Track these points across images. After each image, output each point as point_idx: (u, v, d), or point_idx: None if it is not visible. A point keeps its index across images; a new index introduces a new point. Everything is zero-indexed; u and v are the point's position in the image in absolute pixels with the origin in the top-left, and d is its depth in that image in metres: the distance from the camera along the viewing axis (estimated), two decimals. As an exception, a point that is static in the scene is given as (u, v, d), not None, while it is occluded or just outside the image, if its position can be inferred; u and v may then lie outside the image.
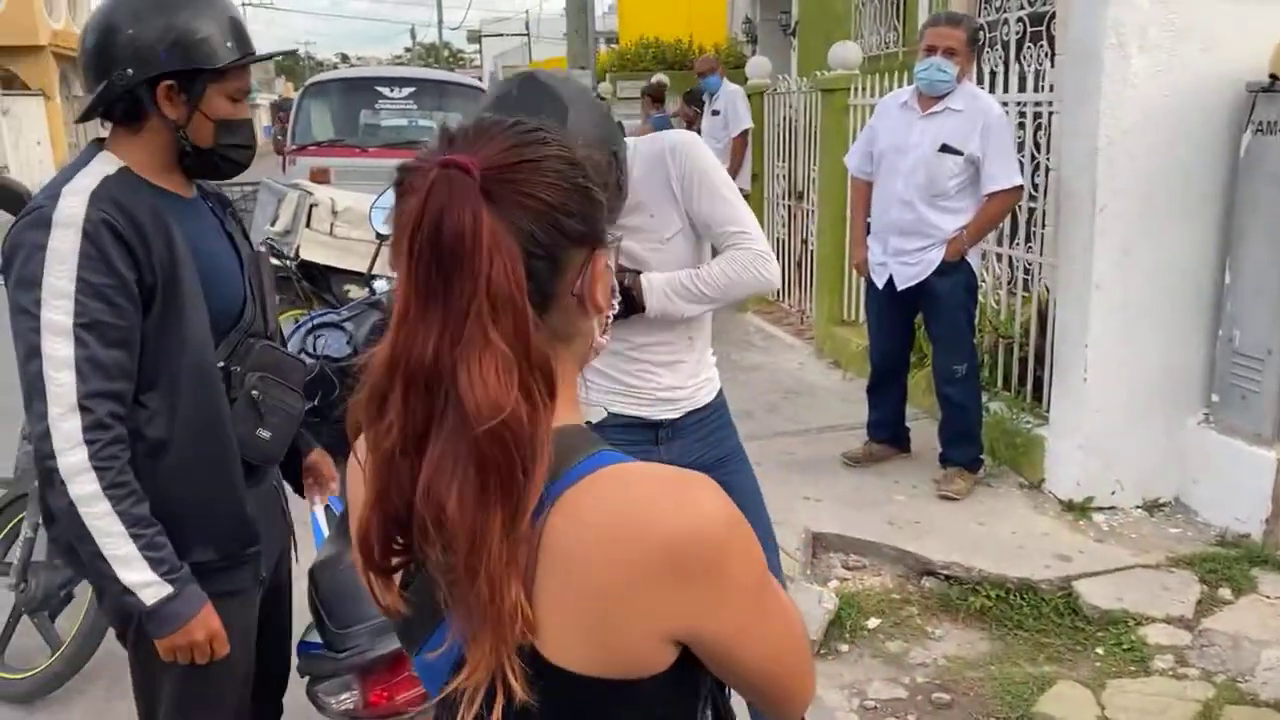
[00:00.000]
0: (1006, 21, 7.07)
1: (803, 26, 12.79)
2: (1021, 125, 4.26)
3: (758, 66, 7.58)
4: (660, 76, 10.11)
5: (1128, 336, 3.59)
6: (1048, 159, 4.22)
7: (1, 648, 3.09)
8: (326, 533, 2.09)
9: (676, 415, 2.10)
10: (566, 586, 0.81)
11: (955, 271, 3.76)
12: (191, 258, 1.59)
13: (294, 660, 1.95)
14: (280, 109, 10.89)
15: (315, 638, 1.87)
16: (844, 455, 4.19)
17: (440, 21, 39.32)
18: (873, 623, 3.21)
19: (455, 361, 0.78)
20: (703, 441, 2.13)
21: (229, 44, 1.64)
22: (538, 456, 0.79)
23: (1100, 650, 3.02)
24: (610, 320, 0.98)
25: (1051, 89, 4.22)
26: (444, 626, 0.85)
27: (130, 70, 1.57)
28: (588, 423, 1.10)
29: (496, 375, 0.77)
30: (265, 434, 1.70)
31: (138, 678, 1.74)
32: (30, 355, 1.50)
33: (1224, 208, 3.51)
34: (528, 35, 27.58)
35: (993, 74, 4.69)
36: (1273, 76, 3.29)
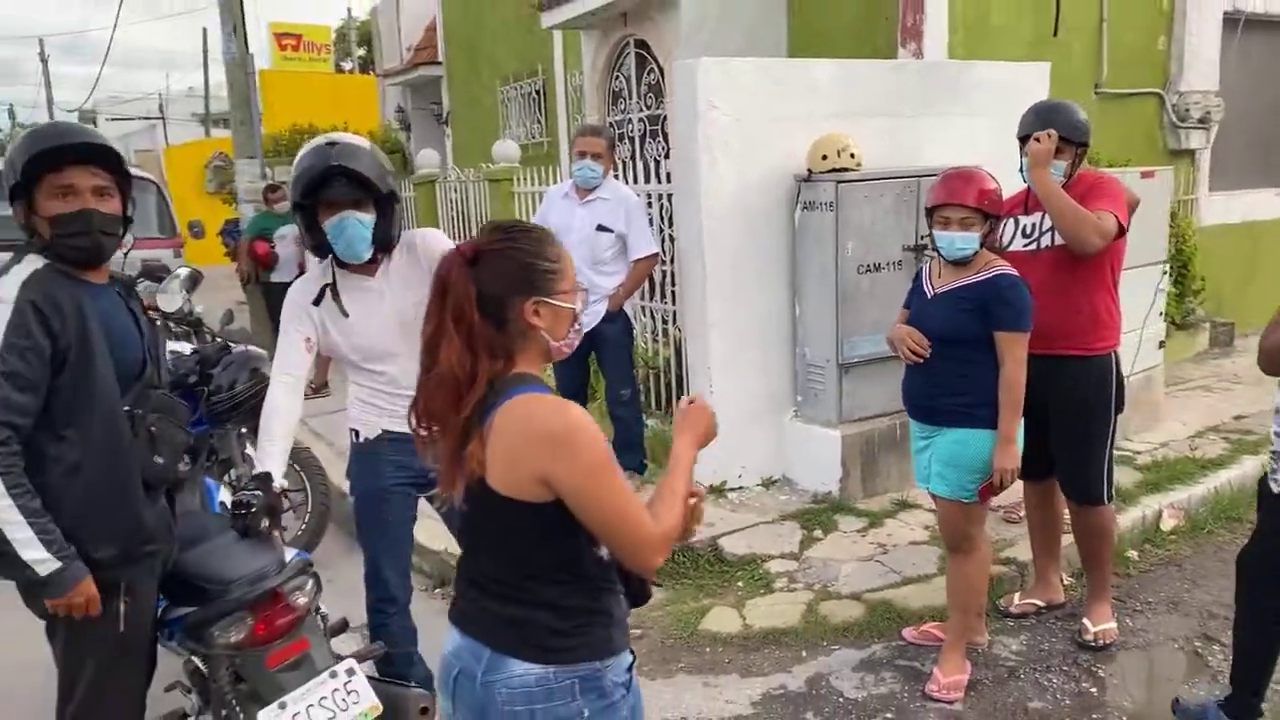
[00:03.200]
0: (631, 121, 8.61)
1: (454, 117, 13.89)
2: (652, 206, 5.52)
3: (426, 158, 8.48)
4: None
5: (738, 359, 4.88)
6: (671, 232, 5.51)
7: None
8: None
9: None
10: (498, 447, 1.60)
11: (617, 319, 4.87)
12: (100, 329, 2.16)
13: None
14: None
15: (174, 614, 2.46)
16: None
17: (50, 101, 36.03)
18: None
19: (439, 340, 1.62)
20: None
21: (24, 158, 2.11)
22: (474, 386, 1.60)
23: (740, 583, 4.18)
24: (571, 336, 1.75)
25: (669, 179, 5.52)
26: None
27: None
28: (368, 438, 2.27)
29: (452, 349, 1.60)
30: (159, 460, 2.29)
31: (62, 660, 2.23)
32: None
33: (791, 262, 4.93)
34: (162, 119, 26.38)
35: (624, 163, 5.91)
36: (810, 171, 4.75)
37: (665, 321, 5.80)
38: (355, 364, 2.87)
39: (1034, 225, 3.65)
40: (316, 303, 2.76)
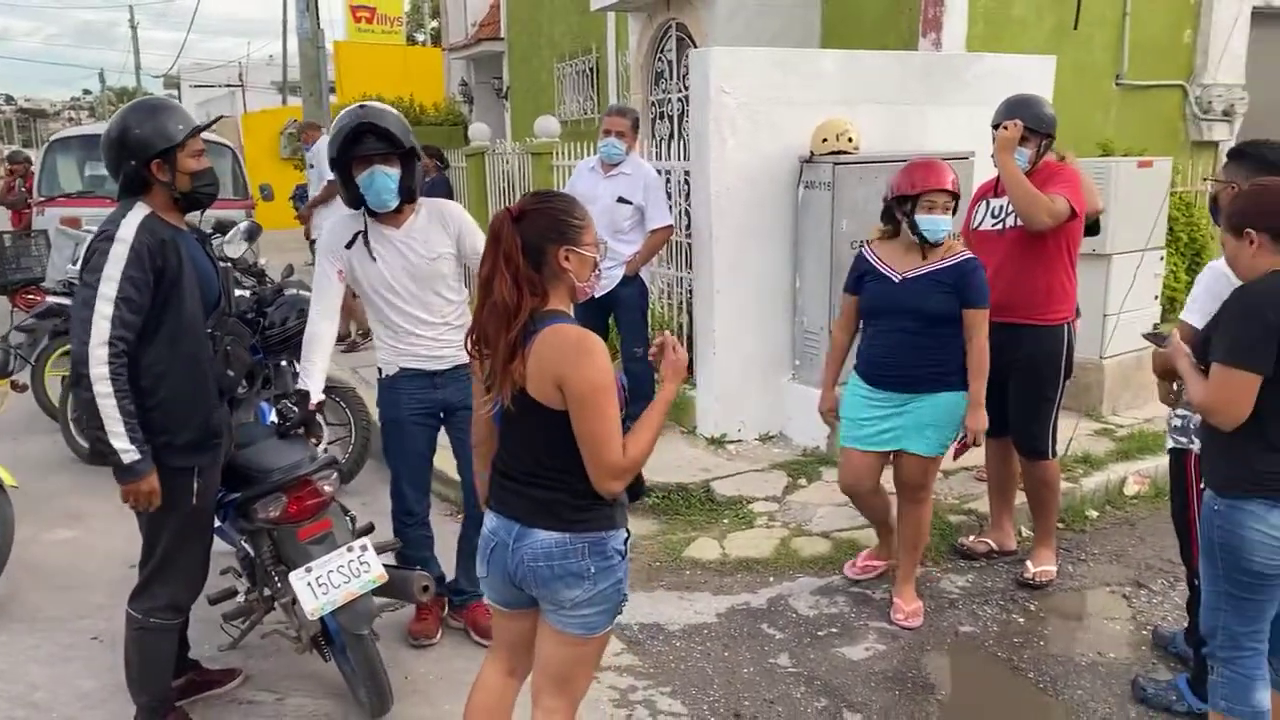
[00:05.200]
0: (671, 100, 9.04)
1: (514, 92, 14.44)
2: (683, 182, 5.98)
3: (478, 131, 9.04)
4: None
5: (741, 324, 5.35)
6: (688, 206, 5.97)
7: None
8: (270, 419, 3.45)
9: (445, 367, 3.44)
10: (534, 363, 2.09)
11: (633, 283, 5.37)
12: (191, 266, 2.73)
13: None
14: (13, 161, 10.93)
15: (229, 498, 3.06)
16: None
17: (138, 67, 37.61)
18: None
19: (493, 277, 2.11)
20: (465, 385, 3.47)
21: (180, 126, 2.70)
22: (519, 314, 2.09)
23: (725, 520, 4.68)
24: (592, 279, 2.22)
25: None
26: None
27: (133, 161, 2.72)
28: (389, 375, 2.85)
29: (503, 284, 2.09)
30: (231, 373, 2.87)
31: (146, 529, 2.82)
32: (84, 308, 2.58)
33: (793, 237, 5.37)
34: (242, 86, 27.44)
35: (662, 140, 6.36)
36: (812, 153, 5.18)
37: (682, 289, 6.27)
38: (377, 307, 3.41)
39: (1001, 207, 4.05)
40: (349, 246, 3.30)
